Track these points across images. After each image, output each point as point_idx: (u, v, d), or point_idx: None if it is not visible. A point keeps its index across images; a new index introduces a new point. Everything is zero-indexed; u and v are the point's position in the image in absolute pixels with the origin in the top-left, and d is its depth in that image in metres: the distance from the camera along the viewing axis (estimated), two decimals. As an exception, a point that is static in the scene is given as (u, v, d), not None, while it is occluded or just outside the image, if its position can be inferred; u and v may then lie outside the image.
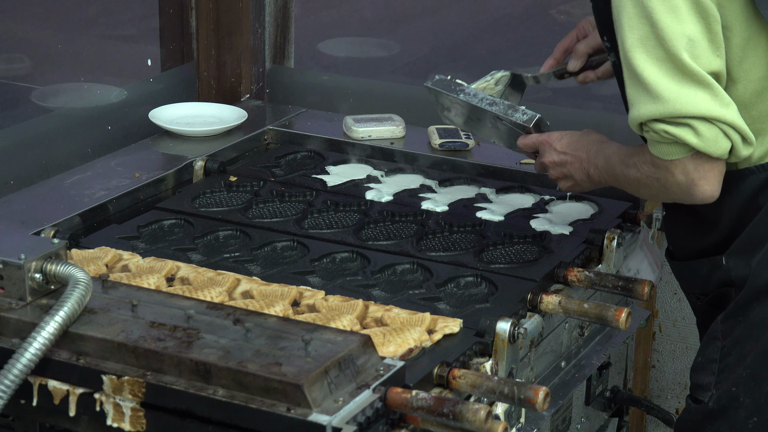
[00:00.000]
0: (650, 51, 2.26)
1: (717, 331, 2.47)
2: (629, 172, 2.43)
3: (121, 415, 2.07)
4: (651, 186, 2.40)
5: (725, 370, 2.46)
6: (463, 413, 2.00)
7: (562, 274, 2.64)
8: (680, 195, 2.36)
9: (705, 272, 2.50)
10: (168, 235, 2.81)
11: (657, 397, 3.61)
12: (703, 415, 2.49)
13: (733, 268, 2.44)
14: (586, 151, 2.57)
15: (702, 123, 2.25)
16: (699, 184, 2.31)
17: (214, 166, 3.14)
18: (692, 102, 2.24)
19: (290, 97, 3.74)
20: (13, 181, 3.07)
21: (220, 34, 3.65)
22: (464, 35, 5.24)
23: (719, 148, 2.27)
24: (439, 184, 3.10)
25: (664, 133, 2.27)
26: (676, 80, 2.24)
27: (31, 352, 2.05)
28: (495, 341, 2.36)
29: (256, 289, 2.46)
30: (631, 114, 2.31)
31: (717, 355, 2.47)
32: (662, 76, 2.25)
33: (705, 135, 2.25)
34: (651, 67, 2.26)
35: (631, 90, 2.30)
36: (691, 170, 2.30)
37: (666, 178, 2.33)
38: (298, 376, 1.97)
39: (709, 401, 2.47)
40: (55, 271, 2.19)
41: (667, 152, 2.30)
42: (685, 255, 2.57)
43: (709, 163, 2.30)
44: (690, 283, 2.58)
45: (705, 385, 2.49)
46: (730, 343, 2.45)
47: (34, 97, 3.58)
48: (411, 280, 2.61)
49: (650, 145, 2.33)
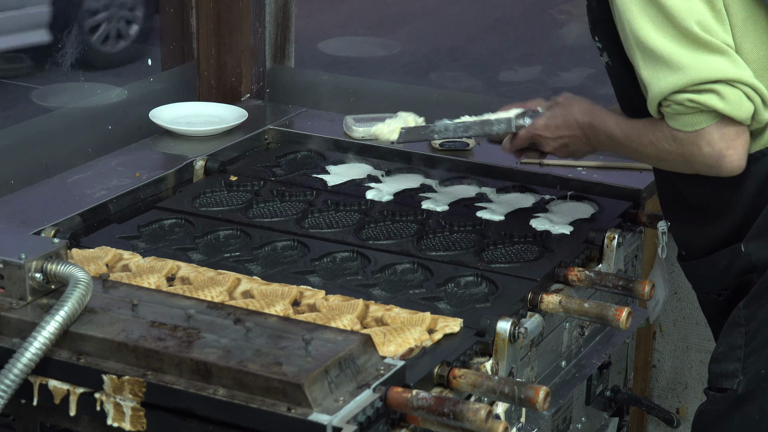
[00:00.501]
0: (662, 29, 2.29)
1: (740, 317, 2.48)
2: (646, 150, 2.43)
3: (122, 415, 2.07)
4: (673, 162, 2.40)
5: (752, 354, 2.46)
6: (464, 413, 2.00)
7: (563, 274, 2.64)
8: (706, 168, 2.35)
9: (724, 264, 2.51)
10: (168, 234, 2.81)
11: (657, 397, 3.61)
12: (730, 402, 2.49)
13: (753, 253, 2.44)
14: (579, 127, 2.58)
15: (725, 86, 2.27)
16: (727, 155, 2.31)
17: (214, 166, 3.14)
18: (713, 67, 2.26)
19: (291, 96, 3.74)
20: (14, 181, 3.07)
21: (220, 33, 3.65)
22: (464, 35, 5.24)
23: (743, 110, 2.28)
24: (440, 184, 3.10)
25: (689, 102, 2.28)
26: (692, 50, 2.27)
27: (31, 351, 2.05)
28: (495, 341, 2.36)
29: (257, 289, 2.46)
30: (652, 93, 2.31)
31: (741, 341, 2.47)
32: (679, 48, 2.27)
33: (730, 98, 2.27)
34: (665, 42, 2.28)
35: (647, 71, 2.31)
36: (717, 140, 2.30)
37: (692, 152, 2.33)
38: (298, 375, 1.97)
39: (738, 387, 2.47)
40: (55, 271, 2.19)
41: (692, 122, 2.30)
42: (699, 252, 2.57)
43: (735, 130, 2.30)
44: (708, 280, 2.58)
45: (731, 373, 2.49)
46: (755, 327, 2.46)
47: (35, 96, 3.58)
48: (411, 279, 2.61)
49: (671, 119, 2.33)
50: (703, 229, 2.54)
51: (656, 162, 2.47)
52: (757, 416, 2.47)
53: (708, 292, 2.61)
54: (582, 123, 2.58)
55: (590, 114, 2.57)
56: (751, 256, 2.45)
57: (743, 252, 2.46)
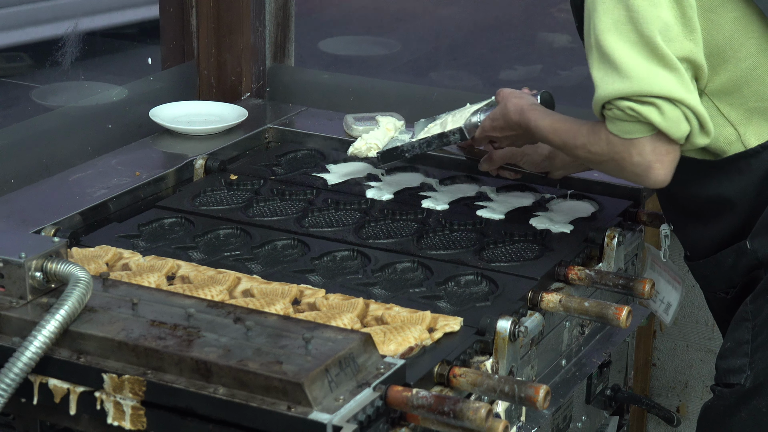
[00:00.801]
0: (623, 34, 2.32)
1: (746, 312, 2.49)
2: (577, 153, 2.48)
3: (122, 414, 2.07)
4: (603, 165, 2.45)
5: (759, 348, 2.47)
6: (464, 412, 2.00)
7: (563, 273, 2.64)
8: (633, 177, 2.40)
9: (731, 262, 2.51)
10: (168, 233, 2.81)
11: (658, 396, 3.61)
12: (737, 397, 2.50)
13: (759, 249, 2.46)
14: (519, 126, 2.63)
15: (667, 103, 2.30)
16: (654, 167, 2.36)
17: (214, 165, 3.14)
18: (660, 82, 2.30)
19: (291, 95, 3.74)
20: (14, 180, 3.07)
21: (220, 32, 3.65)
22: (465, 33, 5.24)
23: (679, 130, 2.32)
24: (440, 183, 3.10)
25: (629, 110, 2.32)
26: (646, 61, 2.30)
27: (31, 350, 2.05)
28: (495, 340, 2.36)
29: (257, 288, 2.46)
30: (598, 94, 2.36)
31: (748, 336, 2.48)
32: (633, 56, 2.31)
33: (669, 115, 2.31)
34: (622, 48, 2.32)
35: (598, 72, 2.35)
36: (649, 152, 2.35)
37: (622, 158, 2.37)
38: (298, 374, 1.97)
39: (746, 382, 2.49)
40: (55, 270, 2.19)
41: (628, 130, 2.35)
42: (705, 252, 2.57)
43: (666, 146, 2.35)
44: (715, 279, 2.58)
45: (738, 368, 2.50)
46: (761, 322, 2.47)
47: (35, 95, 3.58)
48: (411, 278, 2.61)
49: (610, 122, 2.37)
50: (707, 228, 2.55)
51: (588, 163, 2.51)
52: (764, 409, 2.48)
53: (716, 291, 2.61)
54: (517, 122, 2.63)
55: (522, 114, 2.62)
56: (757, 253, 2.46)
57: (749, 249, 2.47)
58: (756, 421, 2.49)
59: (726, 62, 2.39)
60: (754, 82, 2.41)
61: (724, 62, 2.39)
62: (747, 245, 2.47)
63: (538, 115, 2.58)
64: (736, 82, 2.40)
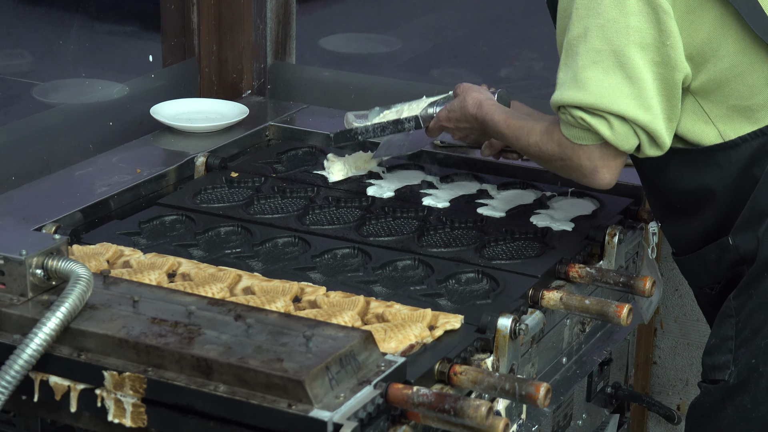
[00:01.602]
0: (591, 41, 2.36)
1: (730, 308, 2.50)
2: (530, 150, 2.54)
3: (123, 411, 2.07)
4: (552, 163, 2.52)
5: (742, 344, 2.48)
6: (464, 409, 2.00)
7: (564, 270, 2.64)
8: (580, 178, 2.48)
9: (714, 258, 2.53)
10: (169, 231, 2.81)
11: (658, 394, 3.61)
12: (722, 393, 2.51)
13: (741, 245, 2.47)
14: (474, 119, 2.70)
15: (617, 119, 2.37)
16: (601, 172, 2.44)
17: (215, 162, 3.14)
18: (614, 99, 2.35)
19: (292, 93, 3.74)
20: (15, 177, 3.07)
21: (221, 29, 3.65)
22: (466, 31, 5.24)
23: (627, 144, 2.40)
24: (441, 180, 3.10)
25: (580, 119, 2.39)
26: (606, 73, 2.35)
27: (32, 348, 2.05)
28: (496, 337, 2.36)
29: (258, 285, 2.46)
30: (554, 96, 2.42)
31: (732, 332, 2.50)
32: (594, 68, 2.36)
33: (617, 130, 2.38)
34: (587, 56, 2.37)
35: (562, 73, 2.42)
36: (597, 158, 2.42)
37: (570, 159, 2.45)
38: (299, 372, 1.97)
39: (730, 378, 2.50)
40: (56, 267, 2.19)
41: (579, 137, 2.41)
42: (689, 248, 2.59)
43: (614, 153, 2.43)
44: (700, 274, 2.60)
45: (722, 364, 2.51)
46: (744, 317, 2.48)
47: (36, 92, 3.58)
48: (412, 276, 2.61)
49: (563, 125, 2.43)
50: (690, 224, 2.57)
51: (538, 161, 2.57)
52: (749, 405, 2.49)
53: (702, 286, 2.63)
54: (474, 115, 2.70)
55: (480, 108, 2.69)
56: (739, 249, 2.48)
57: (731, 245, 2.49)
58: (741, 417, 2.50)
59: (706, 62, 2.41)
60: (733, 80, 2.43)
61: (705, 62, 2.41)
62: (729, 241, 2.49)
63: (495, 109, 2.66)
64: (716, 81, 2.43)
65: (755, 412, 2.49)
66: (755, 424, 2.49)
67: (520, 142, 2.56)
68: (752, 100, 2.45)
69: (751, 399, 2.49)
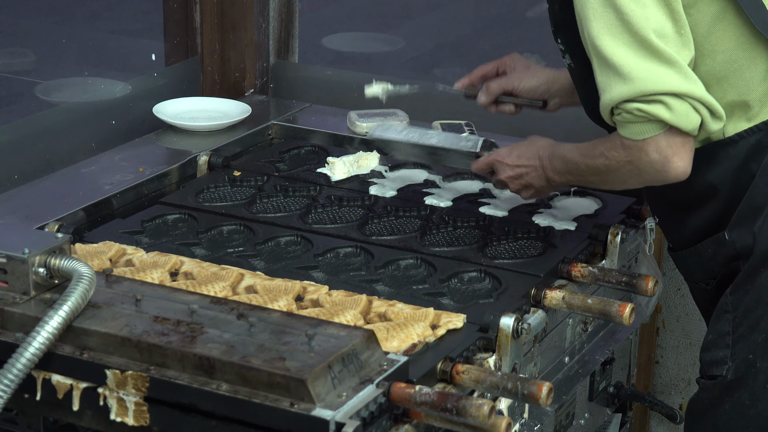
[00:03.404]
0: (617, 36, 2.34)
1: (727, 304, 2.51)
2: (596, 162, 2.49)
3: (125, 410, 2.07)
4: (622, 171, 2.46)
5: (740, 340, 2.49)
6: (467, 408, 2.00)
7: (566, 270, 2.64)
8: (654, 174, 2.42)
9: (710, 253, 2.53)
10: (172, 229, 2.81)
11: (660, 393, 3.61)
12: (720, 389, 2.51)
13: (737, 240, 2.48)
14: (538, 158, 2.66)
15: (673, 98, 2.33)
16: (673, 161, 2.38)
17: (218, 161, 3.14)
18: (662, 79, 2.32)
19: (294, 92, 3.73)
20: (17, 176, 3.08)
21: (224, 28, 3.65)
22: (468, 30, 5.24)
23: (690, 122, 2.35)
24: (443, 179, 3.10)
25: (637, 111, 2.34)
26: (644, 60, 2.33)
27: (34, 346, 2.05)
28: (498, 336, 2.36)
29: (260, 284, 2.46)
30: (603, 100, 2.38)
31: (729, 327, 2.50)
32: (631, 58, 2.33)
33: (677, 109, 2.33)
34: (619, 50, 2.34)
35: (601, 77, 2.38)
36: (664, 147, 2.37)
37: (639, 158, 2.40)
38: (301, 370, 1.97)
39: (727, 373, 2.50)
40: (58, 266, 2.19)
41: (640, 131, 2.37)
42: (685, 243, 2.59)
43: (681, 138, 2.37)
44: (696, 270, 2.60)
45: (720, 360, 2.52)
46: (741, 313, 2.49)
47: (38, 91, 3.58)
48: (415, 275, 2.61)
49: (621, 127, 2.39)
50: (687, 219, 2.57)
51: (606, 175, 2.51)
52: (747, 401, 2.49)
53: (697, 281, 2.64)
54: (542, 155, 2.65)
55: (551, 146, 2.65)
56: (735, 244, 2.49)
57: (727, 240, 2.49)
58: (740, 413, 2.50)
59: (704, 56, 2.42)
60: (731, 75, 2.44)
61: (703, 56, 2.42)
62: (726, 236, 2.50)
63: (565, 144, 2.64)
64: (715, 75, 2.44)
65: (753, 408, 2.50)
66: (753, 419, 2.50)
67: (585, 160, 2.52)
68: (750, 96, 2.45)
69: (749, 395, 2.49)
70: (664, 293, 3.53)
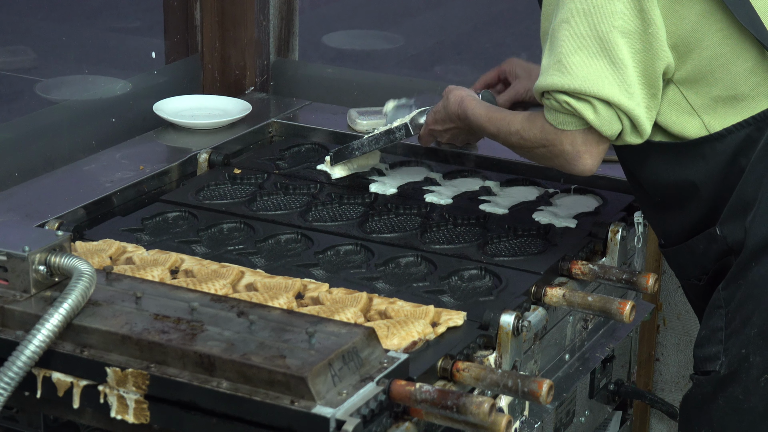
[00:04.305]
0: (575, 26, 2.37)
1: (719, 299, 2.51)
2: (511, 139, 2.56)
3: (125, 408, 2.07)
4: (534, 152, 2.52)
5: (732, 335, 2.49)
6: (467, 406, 2.00)
7: (566, 267, 2.64)
8: (563, 164, 2.48)
9: (702, 249, 2.53)
10: (172, 227, 2.81)
11: (661, 391, 3.61)
12: (713, 384, 2.51)
13: (728, 235, 2.48)
14: (458, 119, 2.73)
15: (602, 103, 2.38)
16: (583, 157, 2.45)
17: (218, 159, 3.14)
18: (598, 83, 2.36)
19: (295, 89, 3.73)
20: (18, 174, 3.08)
21: (224, 26, 3.65)
22: (468, 28, 5.24)
23: (611, 128, 2.40)
24: (444, 177, 3.10)
25: (565, 104, 2.39)
26: (591, 57, 2.36)
27: (35, 344, 2.05)
28: (499, 334, 2.36)
29: (260, 282, 2.46)
30: (539, 82, 2.43)
31: (722, 322, 2.50)
32: (579, 53, 2.37)
33: (602, 114, 2.38)
34: (571, 41, 2.37)
35: (546, 59, 2.42)
36: (579, 143, 2.43)
37: (553, 146, 2.46)
38: (302, 368, 1.97)
39: (721, 369, 2.50)
40: (59, 263, 2.19)
41: (563, 122, 2.43)
42: (676, 239, 2.59)
43: (597, 138, 2.43)
44: (688, 266, 2.60)
45: (713, 356, 2.52)
46: (733, 308, 2.49)
47: (39, 89, 3.58)
48: (415, 272, 2.61)
49: (546, 111, 2.45)
50: (676, 216, 2.57)
51: (519, 150, 2.58)
52: (741, 396, 2.49)
53: (689, 277, 2.64)
54: (456, 113, 2.73)
55: (462, 104, 2.72)
56: (727, 239, 2.48)
57: (719, 235, 2.49)
58: (733, 409, 2.50)
59: (690, 51, 2.42)
60: (718, 70, 2.44)
61: (689, 51, 2.42)
62: (717, 231, 2.50)
63: (476, 104, 2.69)
64: (701, 71, 2.43)
65: (746, 403, 2.50)
66: (746, 414, 2.50)
67: (500, 134, 2.58)
68: (737, 90, 2.45)
69: (742, 390, 2.49)
70: (665, 291, 3.53)
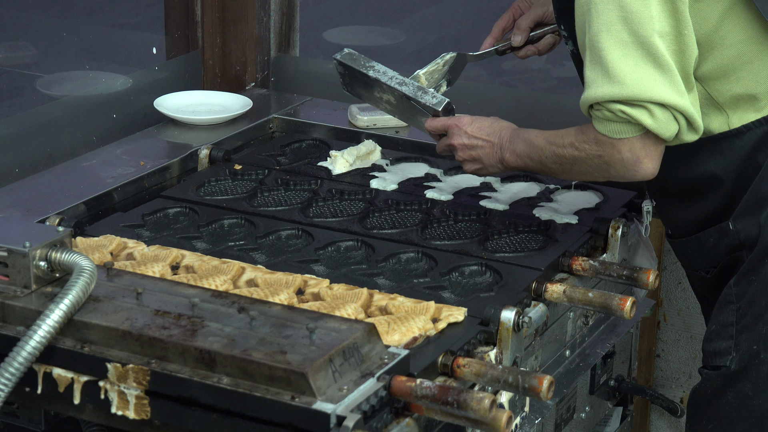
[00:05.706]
0: (616, 34, 2.34)
1: (731, 294, 2.51)
2: (565, 152, 2.50)
3: (126, 403, 2.07)
4: (590, 163, 2.47)
5: (744, 330, 2.49)
6: (468, 402, 2.01)
7: (567, 263, 2.64)
8: (622, 172, 2.44)
9: (712, 242, 2.54)
10: (173, 223, 2.81)
11: (661, 387, 3.61)
12: (723, 379, 2.52)
13: (741, 230, 2.48)
14: (498, 137, 2.65)
15: (658, 107, 2.34)
16: (644, 162, 2.40)
17: (219, 155, 3.14)
18: (652, 87, 2.33)
19: (295, 85, 3.73)
20: (18, 169, 3.08)
21: (225, 22, 3.65)
22: (469, 24, 5.24)
23: (669, 130, 2.37)
24: (444, 173, 3.10)
25: (620, 112, 2.35)
26: (638, 64, 2.33)
27: (35, 339, 2.05)
28: (499, 330, 2.36)
29: (261, 278, 2.46)
30: (587, 94, 2.38)
31: (733, 318, 2.50)
32: (625, 60, 2.33)
33: (659, 117, 2.35)
34: (615, 50, 2.34)
35: (590, 71, 2.37)
36: (639, 148, 2.39)
37: (611, 155, 2.41)
38: (302, 364, 1.97)
39: (731, 364, 2.51)
40: (59, 259, 2.19)
41: (618, 130, 2.38)
42: (686, 231, 2.59)
43: (655, 141, 2.39)
44: (696, 257, 2.60)
45: (723, 351, 2.52)
46: (745, 304, 2.49)
47: (39, 85, 3.58)
48: (416, 268, 2.61)
49: (598, 123, 2.40)
50: (689, 209, 2.58)
51: (572, 164, 2.51)
52: (750, 392, 2.50)
53: (697, 269, 2.64)
54: (504, 135, 2.63)
55: (514, 129, 2.64)
56: (740, 234, 2.49)
57: (731, 230, 2.49)
58: (742, 404, 2.51)
59: (713, 50, 2.42)
60: (740, 69, 2.44)
61: (712, 50, 2.42)
62: (730, 226, 2.50)
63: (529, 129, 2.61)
64: (723, 69, 2.44)
65: (756, 399, 2.50)
66: (755, 410, 2.50)
67: (551, 147, 2.52)
68: (758, 89, 2.45)
69: (752, 386, 2.50)
70: (665, 287, 3.53)
